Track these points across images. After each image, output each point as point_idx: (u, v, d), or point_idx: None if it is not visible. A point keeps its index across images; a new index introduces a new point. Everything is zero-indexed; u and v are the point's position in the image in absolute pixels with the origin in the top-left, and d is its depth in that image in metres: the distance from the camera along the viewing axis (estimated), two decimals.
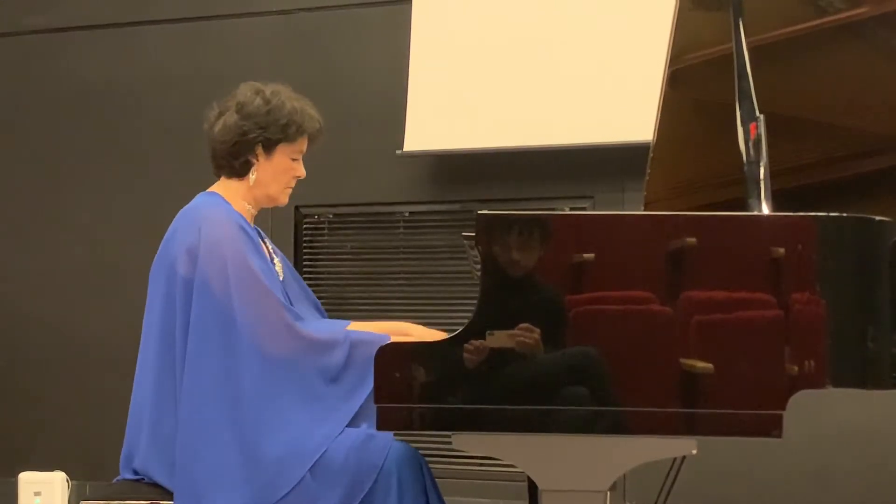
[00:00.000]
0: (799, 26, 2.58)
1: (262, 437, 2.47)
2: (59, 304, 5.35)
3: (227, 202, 2.69)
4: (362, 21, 5.03)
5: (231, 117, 2.68)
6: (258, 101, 2.68)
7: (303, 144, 2.73)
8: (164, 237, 2.67)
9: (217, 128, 2.70)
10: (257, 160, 2.68)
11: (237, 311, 2.51)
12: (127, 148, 5.31)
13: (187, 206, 2.70)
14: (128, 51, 5.36)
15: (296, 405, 2.50)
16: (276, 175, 2.71)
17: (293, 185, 2.77)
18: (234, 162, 2.69)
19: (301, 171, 2.76)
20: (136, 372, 2.67)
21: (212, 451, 2.47)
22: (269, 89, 2.71)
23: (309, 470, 2.46)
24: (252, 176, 2.70)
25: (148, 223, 5.07)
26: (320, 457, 2.47)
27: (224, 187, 2.73)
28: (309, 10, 5.11)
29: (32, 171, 5.47)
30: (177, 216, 2.69)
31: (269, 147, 2.68)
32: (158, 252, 2.67)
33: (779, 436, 2.04)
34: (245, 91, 2.72)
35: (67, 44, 5.45)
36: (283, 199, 2.78)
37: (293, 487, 2.45)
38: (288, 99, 2.70)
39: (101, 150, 5.35)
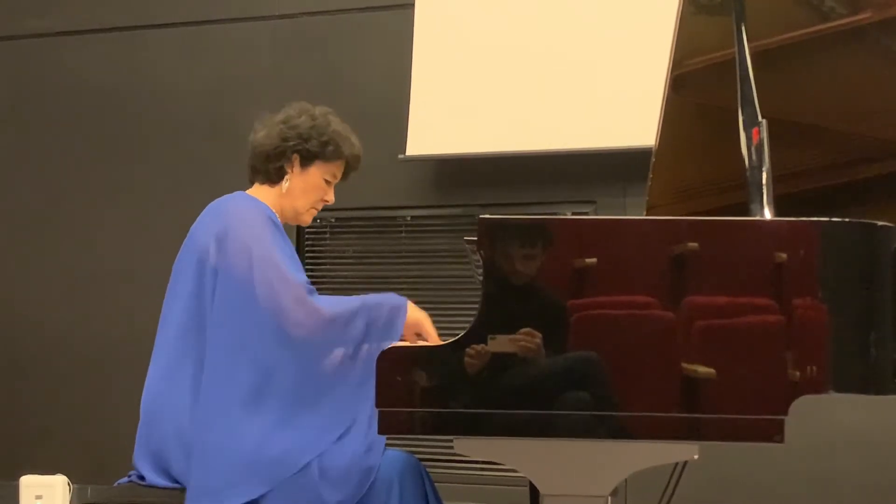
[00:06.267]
0: (801, 31, 2.58)
1: (276, 421, 2.46)
2: (60, 308, 5.35)
3: (255, 199, 2.73)
4: (365, 26, 5.03)
5: (276, 127, 2.75)
6: (304, 117, 2.76)
7: (338, 169, 2.79)
8: (191, 228, 2.69)
9: (260, 134, 2.77)
10: (291, 170, 2.74)
11: (259, 295, 2.51)
12: (128, 152, 5.30)
13: (215, 200, 2.73)
14: (129, 55, 5.36)
15: (313, 391, 2.50)
16: (307, 190, 2.76)
17: (320, 207, 2.82)
18: (270, 166, 2.75)
19: (331, 196, 2.81)
20: (152, 369, 2.64)
21: (224, 428, 2.46)
22: (317, 110, 2.79)
23: (318, 474, 2.46)
24: (285, 184, 2.75)
25: (149, 228, 5.10)
26: (327, 463, 2.47)
27: (255, 192, 2.77)
28: (312, 14, 5.11)
29: (32, 175, 5.47)
30: (205, 209, 2.72)
31: (306, 160, 2.74)
32: (184, 244, 2.69)
33: (781, 441, 2.04)
34: (295, 107, 2.79)
35: (68, 47, 5.45)
36: (307, 219, 2.83)
37: (297, 472, 2.45)
38: (334, 122, 2.78)
39: (102, 154, 5.35)
